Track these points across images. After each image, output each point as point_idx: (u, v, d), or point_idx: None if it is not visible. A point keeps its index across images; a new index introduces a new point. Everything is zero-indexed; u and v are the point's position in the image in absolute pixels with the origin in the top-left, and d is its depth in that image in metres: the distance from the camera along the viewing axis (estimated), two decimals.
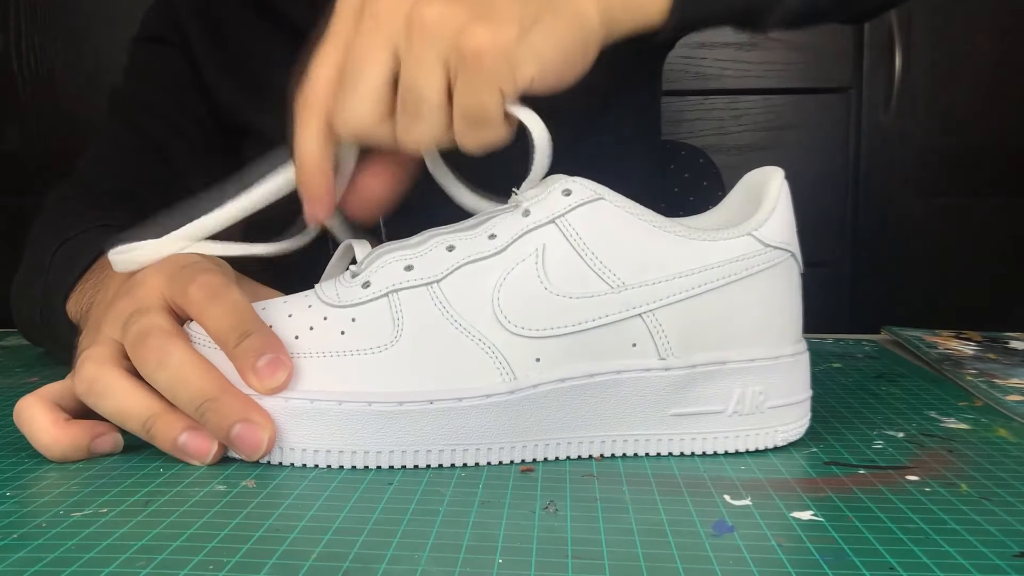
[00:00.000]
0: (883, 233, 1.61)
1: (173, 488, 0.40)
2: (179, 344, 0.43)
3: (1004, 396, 0.55)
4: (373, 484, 0.41)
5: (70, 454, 0.43)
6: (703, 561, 0.33)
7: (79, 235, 0.61)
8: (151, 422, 0.42)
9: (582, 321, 0.43)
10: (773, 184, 0.45)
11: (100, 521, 0.36)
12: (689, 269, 0.43)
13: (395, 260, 0.44)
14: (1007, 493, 0.40)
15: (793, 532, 0.36)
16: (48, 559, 0.33)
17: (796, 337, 0.46)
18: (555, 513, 0.37)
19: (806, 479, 0.42)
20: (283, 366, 0.42)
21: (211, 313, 0.43)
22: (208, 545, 0.34)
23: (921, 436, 0.48)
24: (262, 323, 0.43)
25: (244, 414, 0.41)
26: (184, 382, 0.42)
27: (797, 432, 0.46)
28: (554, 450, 0.44)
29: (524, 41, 0.42)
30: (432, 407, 0.42)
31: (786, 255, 0.45)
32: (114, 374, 0.43)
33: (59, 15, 1.63)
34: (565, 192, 0.44)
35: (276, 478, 0.41)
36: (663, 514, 0.37)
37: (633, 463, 0.44)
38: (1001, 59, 1.57)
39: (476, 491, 0.40)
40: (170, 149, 0.77)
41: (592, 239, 0.43)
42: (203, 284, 0.44)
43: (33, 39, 1.64)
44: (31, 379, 0.61)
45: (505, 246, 0.43)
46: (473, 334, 0.42)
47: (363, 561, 0.33)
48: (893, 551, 0.34)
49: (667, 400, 0.44)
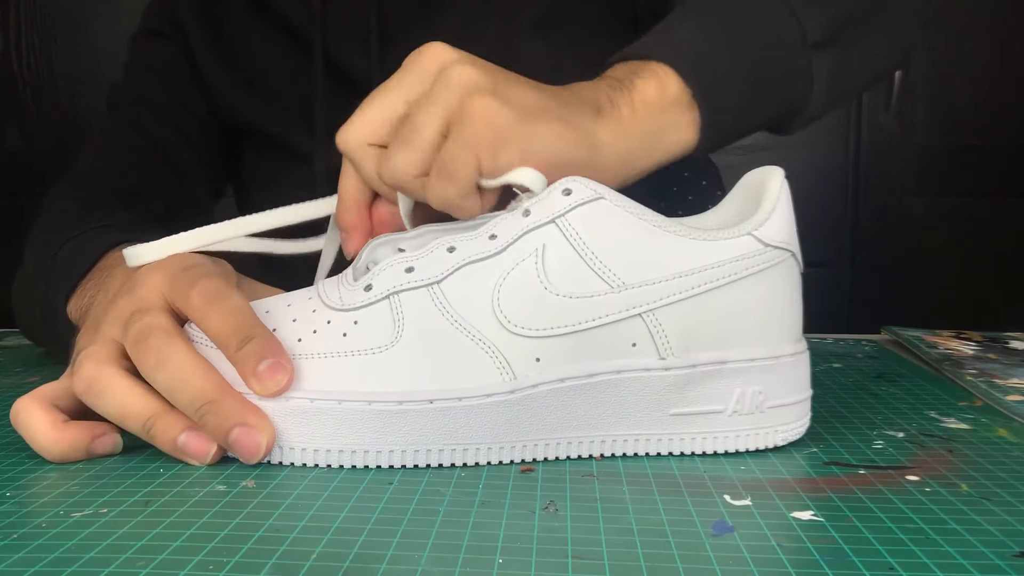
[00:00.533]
0: (883, 233, 1.62)
1: (173, 488, 0.40)
2: (179, 345, 0.43)
3: (1004, 396, 0.55)
4: (373, 484, 0.41)
5: (69, 455, 0.43)
6: (703, 561, 0.33)
7: (81, 235, 0.61)
8: (151, 422, 0.43)
9: (582, 321, 0.43)
10: (773, 183, 0.45)
11: (100, 521, 0.36)
12: (689, 269, 0.43)
13: (396, 262, 0.44)
14: (1007, 493, 0.40)
15: (793, 532, 0.36)
16: (48, 559, 0.33)
17: (796, 337, 0.46)
18: (555, 513, 0.37)
19: (806, 479, 0.42)
20: (284, 370, 0.42)
21: (212, 317, 0.43)
22: (208, 545, 0.34)
23: (921, 436, 0.48)
24: (263, 327, 0.43)
25: (243, 418, 0.42)
26: (184, 384, 0.42)
27: (797, 432, 0.46)
28: (554, 450, 0.44)
29: (521, 128, 0.44)
30: (432, 407, 0.42)
31: (786, 255, 0.45)
32: (113, 373, 0.43)
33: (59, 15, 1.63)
34: (565, 192, 0.44)
35: (276, 478, 0.41)
36: (663, 514, 0.37)
37: (633, 463, 0.44)
38: (1001, 59, 1.57)
39: (476, 491, 0.40)
40: (170, 146, 0.77)
41: (592, 239, 0.43)
42: (204, 288, 0.44)
43: (33, 39, 1.64)
44: (31, 379, 0.61)
45: (505, 246, 0.43)
46: (473, 334, 0.42)
47: (363, 561, 0.33)
48: (893, 551, 0.34)
49: (667, 400, 0.44)
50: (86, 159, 0.77)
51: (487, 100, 0.43)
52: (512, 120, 0.43)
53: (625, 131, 0.47)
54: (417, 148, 0.44)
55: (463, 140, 0.43)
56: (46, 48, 1.63)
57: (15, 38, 1.63)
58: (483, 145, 0.43)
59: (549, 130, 0.44)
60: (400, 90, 0.46)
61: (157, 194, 0.75)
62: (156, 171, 0.76)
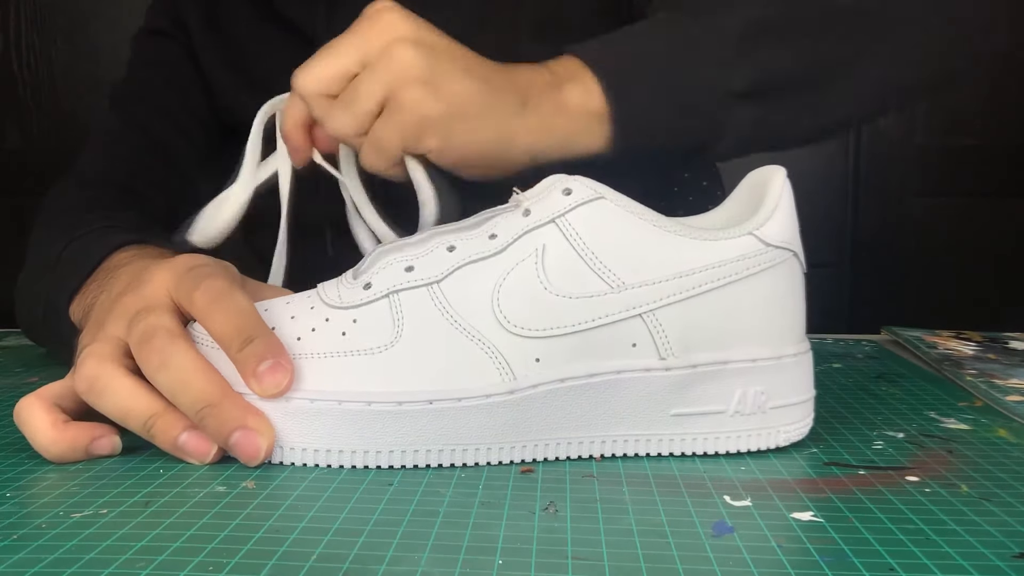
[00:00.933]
0: (883, 233, 1.61)
1: (173, 489, 0.40)
2: (183, 346, 0.43)
3: (1004, 396, 0.55)
4: (373, 484, 0.41)
5: (68, 455, 0.43)
6: (703, 562, 0.33)
7: (84, 235, 0.61)
8: (152, 421, 0.43)
9: (582, 321, 0.43)
10: (775, 183, 0.45)
11: (100, 522, 0.36)
12: (690, 269, 0.43)
13: (396, 261, 0.44)
14: (1007, 494, 0.40)
15: (793, 533, 0.36)
16: (48, 560, 0.33)
17: (799, 337, 0.46)
18: (555, 514, 0.37)
19: (806, 480, 0.42)
20: (284, 371, 0.42)
21: (215, 318, 0.43)
22: (208, 546, 0.34)
23: (921, 436, 0.48)
24: (265, 327, 0.43)
25: (243, 421, 0.42)
26: (185, 385, 0.42)
27: (800, 433, 0.46)
28: (554, 450, 0.44)
29: (444, 123, 0.50)
30: (432, 407, 0.42)
31: (788, 254, 0.45)
32: (115, 372, 0.43)
33: (59, 15, 1.63)
34: (566, 191, 0.44)
35: (276, 479, 0.41)
36: (663, 515, 0.37)
37: (633, 463, 0.44)
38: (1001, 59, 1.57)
39: (476, 491, 0.40)
40: (171, 145, 0.77)
41: (592, 239, 0.43)
42: (208, 288, 0.44)
43: (33, 39, 1.64)
44: (31, 379, 0.61)
45: (505, 246, 0.43)
46: (473, 334, 0.42)
47: (363, 562, 0.33)
48: (893, 552, 0.34)
49: (668, 400, 0.44)
50: (87, 159, 0.77)
51: (418, 91, 0.50)
52: (438, 114, 0.50)
53: (542, 131, 0.53)
54: (356, 115, 0.51)
55: (392, 123, 0.50)
56: (46, 48, 1.63)
57: (15, 38, 1.63)
58: (406, 130, 0.50)
59: (469, 128, 0.51)
60: (354, 51, 0.51)
61: (158, 193, 0.75)
62: (157, 170, 0.76)
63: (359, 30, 0.51)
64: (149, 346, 0.43)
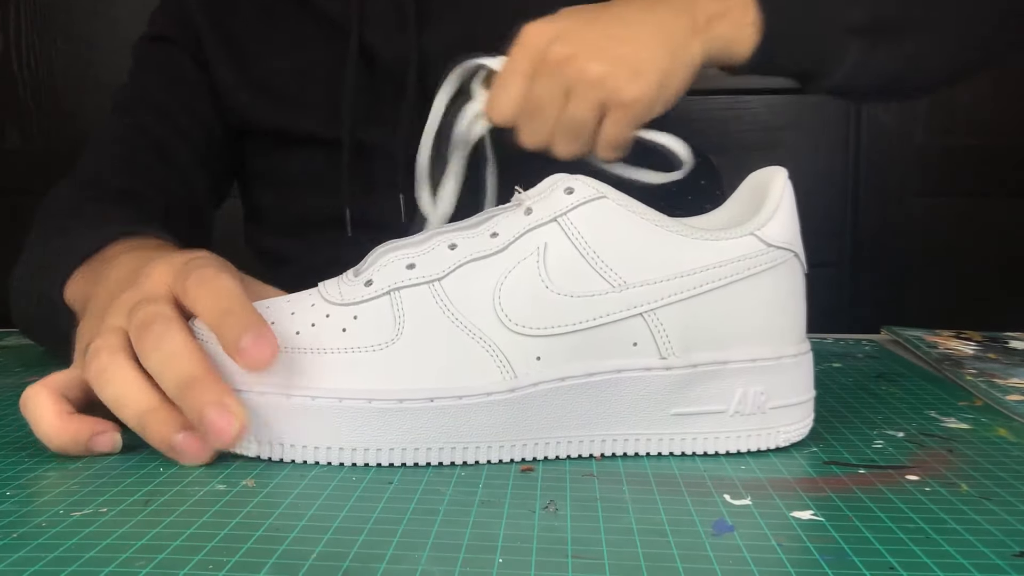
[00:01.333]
0: (883, 233, 1.61)
1: (173, 487, 0.40)
2: (176, 327, 0.43)
3: (1004, 396, 0.55)
4: (373, 483, 0.41)
5: (69, 447, 0.43)
6: (703, 561, 0.33)
7: (77, 228, 0.62)
8: (146, 415, 0.42)
9: (583, 320, 0.43)
10: (776, 184, 0.45)
11: (100, 520, 0.36)
12: (691, 268, 0.43)
13: (397, 259, 0.44)
14: (1007, 493, 0.40)
15: (793, 532, 0.36)
16: (48, 558, 0.33)
17: (799, 337, 0.46)
18: (555, 513, 0.37)
19: (806, 479, 0.42)
20: (267, 343, 0.41)
21: (201, 300, 0.44)
22: (208, 544, 0.34)
23: (921, 436, 0.48)
24: (248, 304, 0.43)
25: (219, 397, 0.41)
26: (171, 363, 0.42)
27: (800, 433, 0.46)
28: (554, 449, 0.44)
29: (657, 91, 0.57)
30: (432, 405, 0.42)
31: (789, 255, 0.45)
32: (122, 363, 0.43)
33: (59, 15, 1.63)
34: (567, 190, 0.44)
35: (276, 477, 0.41)
36: (663, 514, 0.37)
37: (633, 463, 0.44)
38: None
39: (476, 490, 0.40)
40: (171, 147, 0.78)
41: (594, 238, 0.43)
42: (199, 275, 0.45)
43: (33, 39, 1.64)
44: (31, 379, 0.61)
45: (507, 244, 0.43)
46: (474, 332, 0.42)
47: (363, 561, 0.33)
48: (893, 551, 0.34)
49: (668, 400, 0.44)
50: (87, 159, 0.77)
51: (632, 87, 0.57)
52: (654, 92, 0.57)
53: (708, 38, 0.60)
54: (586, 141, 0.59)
55: (622, 124, 0.58)
56: (46, 48, 1.63)
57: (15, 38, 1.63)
58: (637, 119, 0.58)
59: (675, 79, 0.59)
60: (521, 74, 0.58)
61: (157, 194, 0.75)
62: (157, 172, 0.76)
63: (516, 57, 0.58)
64: (147, 331, 0.43)
